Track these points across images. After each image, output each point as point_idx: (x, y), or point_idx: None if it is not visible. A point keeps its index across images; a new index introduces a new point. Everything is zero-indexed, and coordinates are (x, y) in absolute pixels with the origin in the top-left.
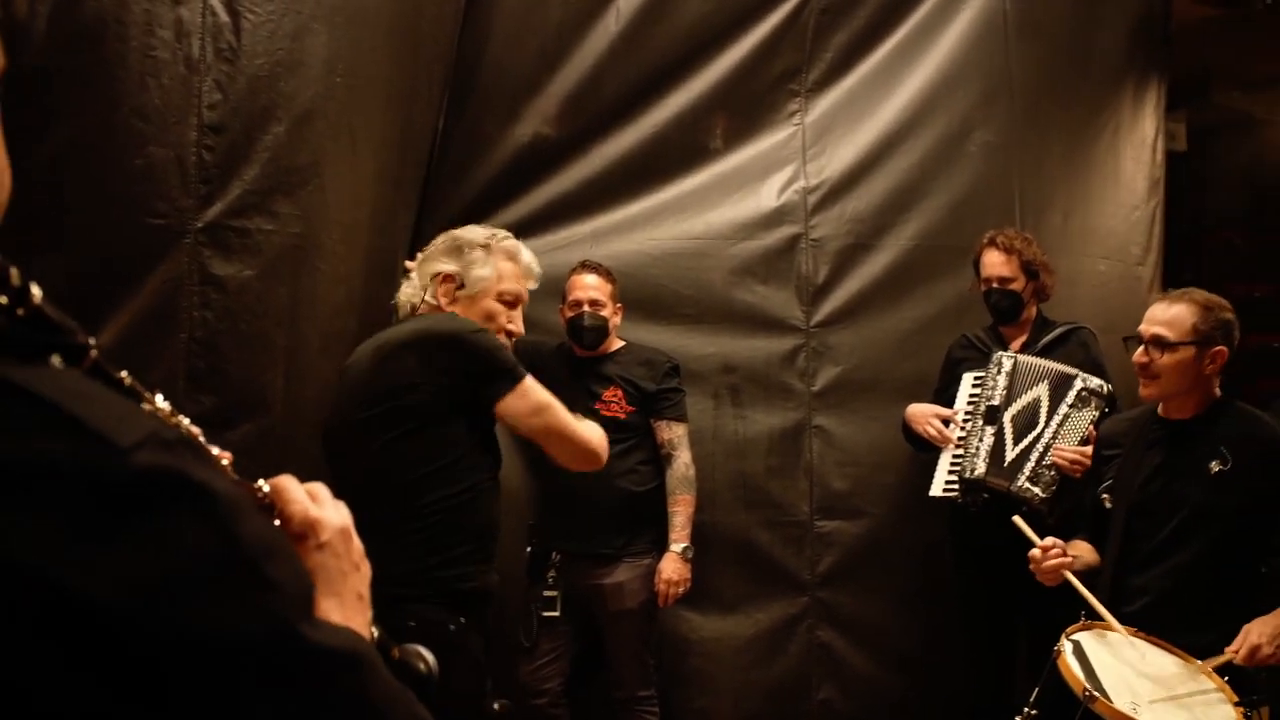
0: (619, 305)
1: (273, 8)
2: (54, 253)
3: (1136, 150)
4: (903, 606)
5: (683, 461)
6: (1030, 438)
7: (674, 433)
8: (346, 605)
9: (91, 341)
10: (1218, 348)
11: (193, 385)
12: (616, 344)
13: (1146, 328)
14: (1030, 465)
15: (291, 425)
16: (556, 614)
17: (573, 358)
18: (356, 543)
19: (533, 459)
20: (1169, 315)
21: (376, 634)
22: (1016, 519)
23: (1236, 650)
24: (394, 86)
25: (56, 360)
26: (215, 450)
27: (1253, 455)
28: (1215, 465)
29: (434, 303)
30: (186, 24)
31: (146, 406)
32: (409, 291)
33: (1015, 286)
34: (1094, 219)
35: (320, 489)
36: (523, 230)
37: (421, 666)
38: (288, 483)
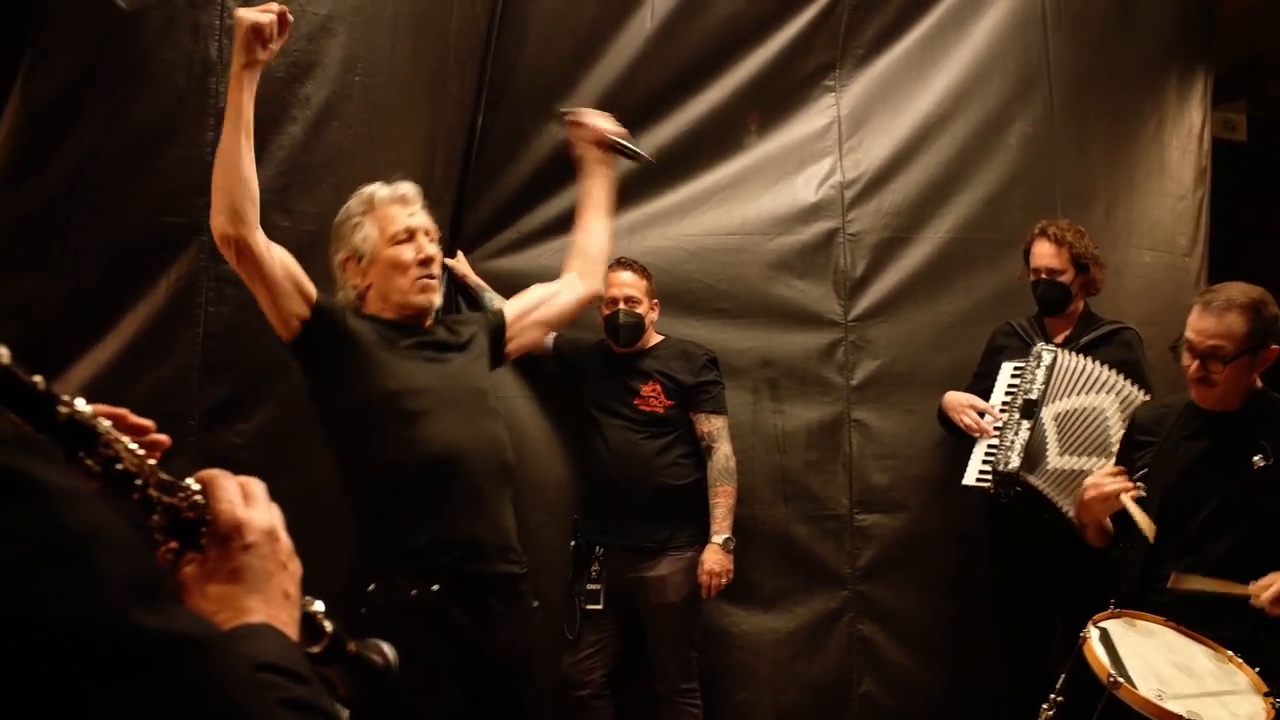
0: (655, 301)
1: (289, 9)
2: (74, 251)
3: (1183, 140)
4: (943, 600)
5: (723, 453)
6: (1095, 463)
7: (713, 425)
8: (272, 604)
9: (2, 352)
10: (1270, 348)
11: (207, 378)
12: (654, 339)
13: (1200, 340)
14: None
15: (305, 417)
16: (599, 607)
17: (611, 354)
18: (284, 542)
19: (576, 453)
20: (1223, 327)
21: (331, 629)
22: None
23: (1263, 589)
24: (417, 85)
25: None
26: (141, 450)
27: None
28: (1259, 460)
29: (356, 288)
30: (203, 27)
31: (63, 409)
32: (341, 294)
33: (1064, 279)
34: (1138, 210)
35: (255, 486)
36: (559, 226)
37: (378, 659)
38: (221, 480)
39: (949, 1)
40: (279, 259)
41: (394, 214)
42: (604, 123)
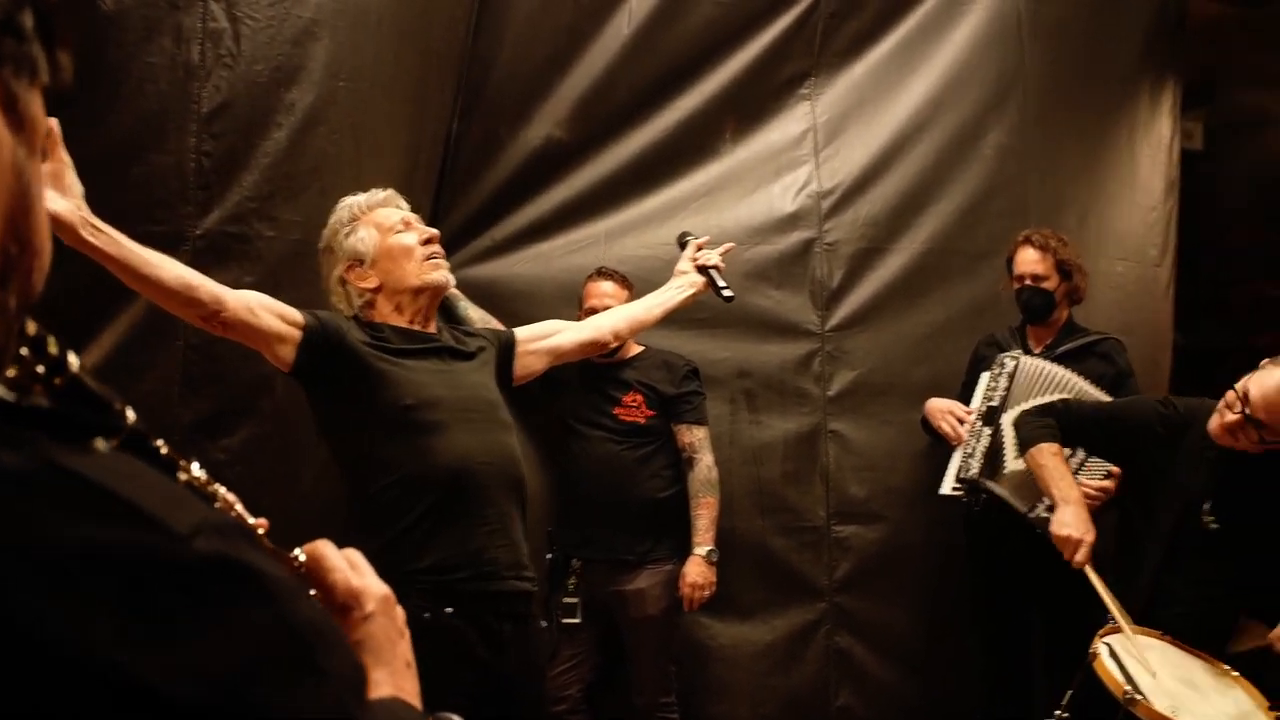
0: None
1: (273, 13)
2: (54, 259)
3: (1153, 151)
4: (921, 611)
5: (705, 464)
6: None
7: (695, 436)
8: (397, 674)
9: (129, 412)
10: None
11: (188, 391)
12: (634, 349)
13: (1264, 415)
14: None
15: (290, 430)
16: (577, 620)
17: (590, 364)
18: (399, 610)
19: (552, 465)
20: None
21: None
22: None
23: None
24: (401, 91)
25: (100, 444)
26: (252, 520)
27: None
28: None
29: (364, 297)
30: (186, 30)
31: (182, 475)
32: (342, 308)
33: (1048, 285)
34: (1110, 220)
35: (358, 557)
36: (535, 233)
37: None
38: (326, 550)
39: (925, 11)
40: (258, 306)
41: (385, 212)
42: (716, 256)
